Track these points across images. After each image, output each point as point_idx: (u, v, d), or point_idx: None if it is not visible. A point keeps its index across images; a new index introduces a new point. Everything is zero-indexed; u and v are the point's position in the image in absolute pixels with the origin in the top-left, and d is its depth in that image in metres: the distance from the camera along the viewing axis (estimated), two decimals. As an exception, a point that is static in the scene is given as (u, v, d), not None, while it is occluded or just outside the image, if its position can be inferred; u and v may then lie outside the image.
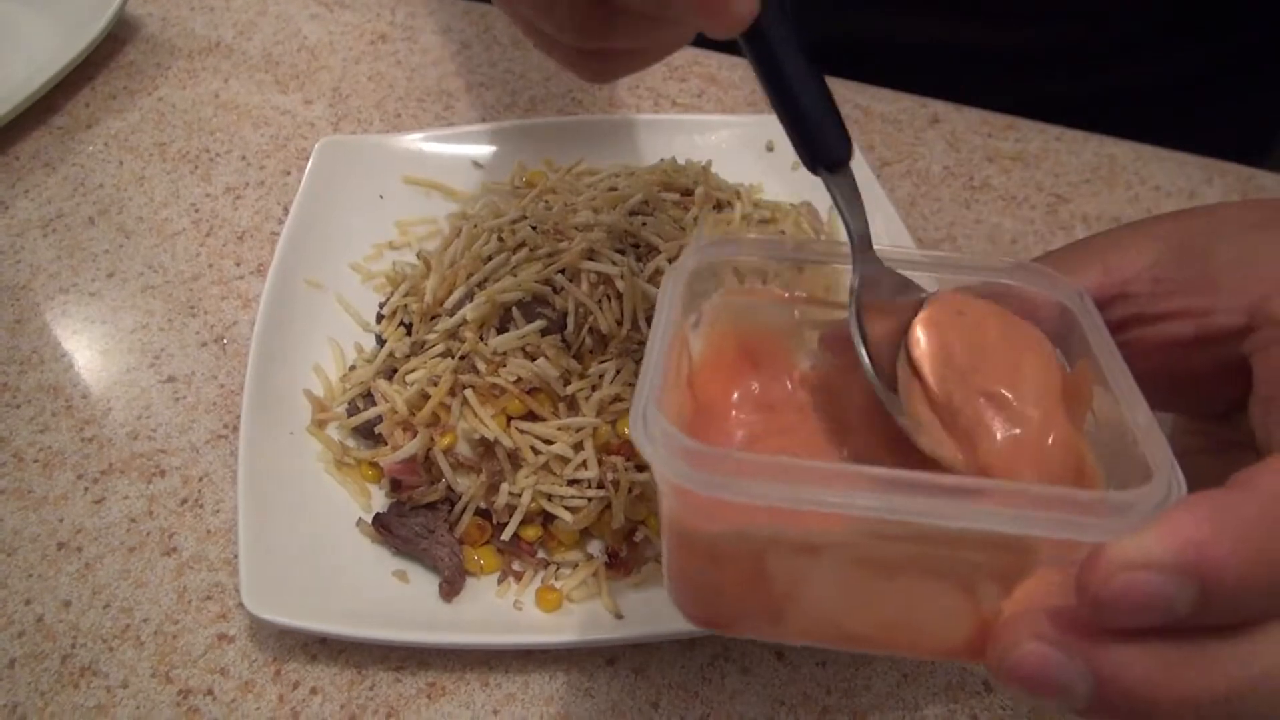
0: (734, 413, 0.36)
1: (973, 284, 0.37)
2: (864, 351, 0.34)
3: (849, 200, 0.37)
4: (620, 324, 0.52)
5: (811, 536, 0.28)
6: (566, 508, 0.50)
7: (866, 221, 0.36)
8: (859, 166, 0.67)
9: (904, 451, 0.32)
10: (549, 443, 0.50)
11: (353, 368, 0.58)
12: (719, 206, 0.61)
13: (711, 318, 0.38)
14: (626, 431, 0.51)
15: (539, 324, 0.52)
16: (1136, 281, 0.37)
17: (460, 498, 0.51)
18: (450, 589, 0.49)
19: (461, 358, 0.52)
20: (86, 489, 0.56)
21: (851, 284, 0.36)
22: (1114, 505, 0.26)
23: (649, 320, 0.52)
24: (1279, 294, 0.34)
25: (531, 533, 0.51)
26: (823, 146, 0.37)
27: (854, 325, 0.34)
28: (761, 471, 0.27)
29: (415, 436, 0.51)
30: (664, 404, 0.30)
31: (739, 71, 0.83)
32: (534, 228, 0.55)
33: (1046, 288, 0.35)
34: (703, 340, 0.38)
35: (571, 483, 0.50)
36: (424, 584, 0.50)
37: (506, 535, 0.50)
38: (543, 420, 0.51)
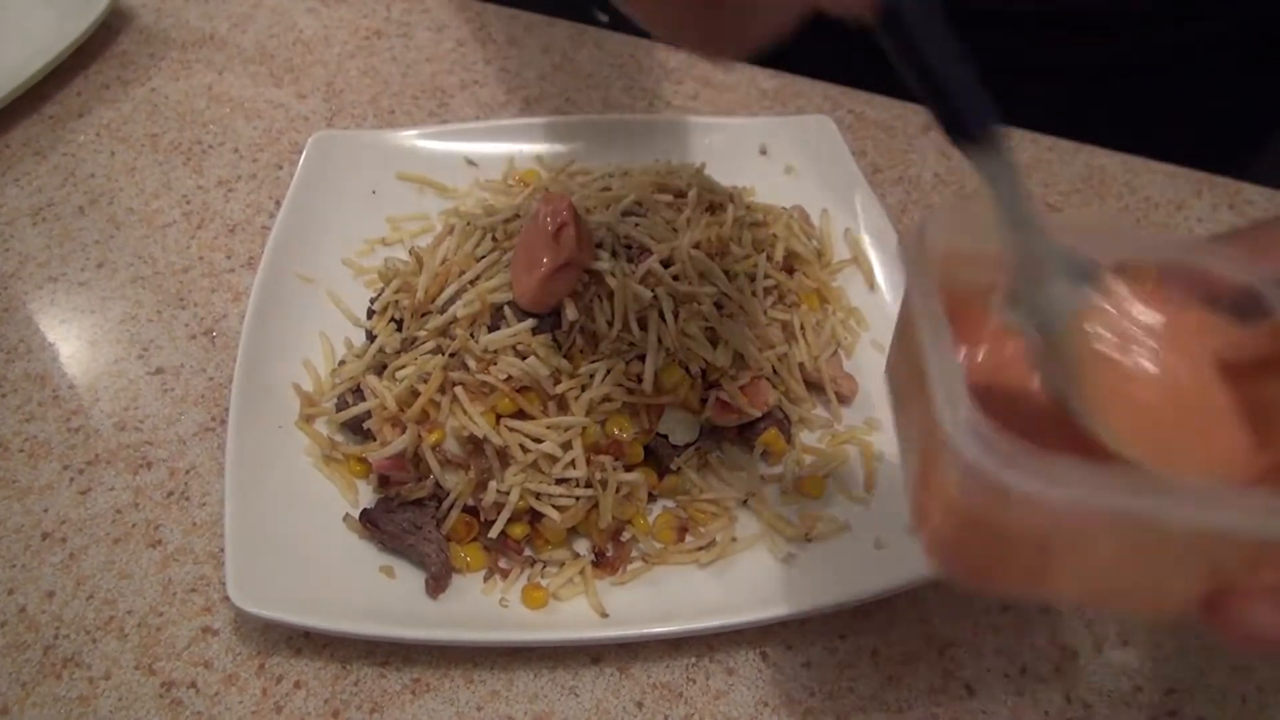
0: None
1: (1152, 261, 0.35)
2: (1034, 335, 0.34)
3: (998, 177, 0.33)
4: (611, 324, 0.52)
5: (1094, 529, 0.31)
6: (554, 506, 0.50)
7: (1026, 199, 0.33)
8: (851, 172, 0.68)
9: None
10: (538, 441, 0.50)
11: (342, 363, 0.58)
12: (712, 208, 0.61)
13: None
14: (615, 431, 0.51)
15: (530, 323, 0.52)
16: None
17: (448, 494, 0.51)
18: (436, 585, 0.49)
19: (452, 355, 0.52)
20: (72, 479, 0.56)
21: (1009, 270, 0.34)
22: None
23: (640, 321, 0.52)
24: None
25: (519, 530, 0.51)
26: (962, 111, 0.33)
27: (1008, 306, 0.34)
28: (1078, 478, 0.29)
29: (404, 433, 0.51)
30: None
31: (734, 74, 0.83)
32: (527, 226, 0.55)
33: (1233, 270, 0.35)
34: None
35: (559, 481, 0.50)
36: (410, 580, 0.50)
37: (494, 533, 0.50)
38: (532, 419, 0.51)
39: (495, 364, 0.51)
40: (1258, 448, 0.35)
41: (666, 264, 0.55)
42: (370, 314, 0.60)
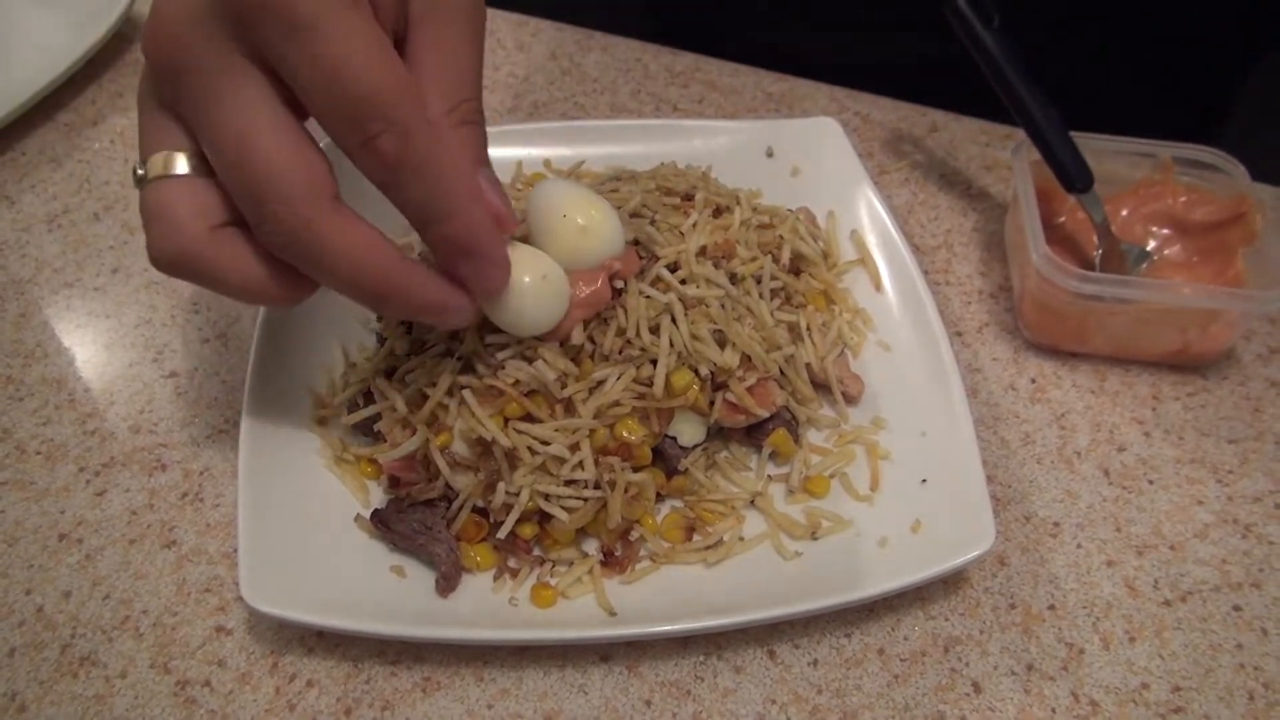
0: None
1: (1171, 154, 0.64)
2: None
3: (1092, 206, 0.63)
4: (621, 334, 0.52)
5: (1115, 306, 0.59)
6: (563, 507, 0.50)
7: (1102, 210, 0.63)
8: (856, 173, 0.68)
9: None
10: (545, 443, 0.50)
11: (353, 365, 0.59)
12: (718, 211, 0.62)
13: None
14: (624, 434, 0.52)
15: (538, 327, 0.52)
16: None
17: (458, 495, 0.52)
18: (447, 585, 0.50)
19: (460, 358, 0.53)
20: (88, 481, 0.57)
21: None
22: (1257, 296, 0.57)
23: (653, 328, 0.52)
24: None
25: (528, 530, 0.52)
26: (1076, 179, 0.62)
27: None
28: (1107, 281, 0.58)
29: (414, 435, 0.52)
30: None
31: (740, 78, 0.83)
32: (534, 229, 0.56)
33: (1212, 158, 0.63)
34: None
35: (568, 483, 0.50)
36: (421, 579, 0.51)
37: (503, 533, 0.51)
38: (540, 422, 0.51)
39: (503, 368, 0.51)
40: (1216, 275, 0.62)
41: (673, 268, 0.55)
42: (380, 316, 0.60)
